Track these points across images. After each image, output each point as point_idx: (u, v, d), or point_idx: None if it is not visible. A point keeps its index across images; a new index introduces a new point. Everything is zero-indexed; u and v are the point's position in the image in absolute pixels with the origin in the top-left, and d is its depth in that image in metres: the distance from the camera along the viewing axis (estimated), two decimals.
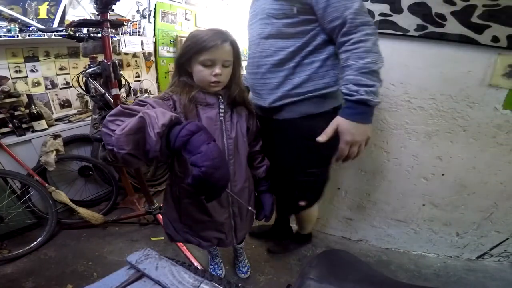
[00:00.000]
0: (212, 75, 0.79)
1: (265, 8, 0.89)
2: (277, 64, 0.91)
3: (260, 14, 0.91)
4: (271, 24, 0.88)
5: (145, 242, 1.61)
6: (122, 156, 0.55)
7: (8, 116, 1.52)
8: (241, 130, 0.90)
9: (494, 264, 1.48)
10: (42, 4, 1.69)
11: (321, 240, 1.64)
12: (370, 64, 0.76)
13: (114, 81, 1.35)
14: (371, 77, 0.77)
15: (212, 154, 0.54)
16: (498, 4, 1.01)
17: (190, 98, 0.80)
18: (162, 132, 0.55)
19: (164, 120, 0.55)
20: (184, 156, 0.57)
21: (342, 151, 0.84)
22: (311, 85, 0.90)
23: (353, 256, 0.65)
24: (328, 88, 0.91)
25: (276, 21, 0.87)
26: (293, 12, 0.84)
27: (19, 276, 1.35)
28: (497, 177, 1.29)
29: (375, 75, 0.78)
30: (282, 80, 0.92)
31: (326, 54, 0.89)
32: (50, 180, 1.69)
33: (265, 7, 0.89)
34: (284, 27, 0.87)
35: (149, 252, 0.51)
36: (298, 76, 0.90)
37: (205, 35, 0.77)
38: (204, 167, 0.53)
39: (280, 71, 0.91)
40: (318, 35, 0.87)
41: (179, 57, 0.82)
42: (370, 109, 0.81)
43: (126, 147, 0.54)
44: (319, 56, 0.89)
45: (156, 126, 0.54)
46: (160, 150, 0.56)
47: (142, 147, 0.57)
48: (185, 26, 2.76)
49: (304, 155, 0.97)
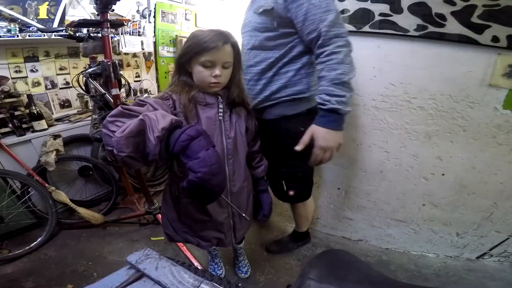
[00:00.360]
0: (212, 76, 0.79)
1: (251, 21, 1.01)
2: (259, 74, 1.03)
3: (248, 26, 1.03)
4: (255, 37, 1.00)
5: (145, 242, 1.61)
6: (121, 158, 0.55)
7: (8, 116, 1.52)
8: (240, 130, 0.91)
9: (494, 264, 1.48)
10: (42, 4, 1.69)
11: (321, 240, 1.64)
12: (341, 75, 0.85)
13: (114, 81, 1.35)
14: (342, 87, 0.85)
15: (210, 160, 0.55)
16: (498, 4, 1.01)
17: (189, 98, 0.80)
18: (162, 136, 0.55)
19: (165, 123, 0.55)
20: (182, 160, 0.57)
21: (316, 156, 0.92)
22: (286, 91, 1.02)
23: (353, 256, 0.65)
24: (300, 94, 1.03)
25: (260, 34, 0.98)
26: (274, 26, 0.94)
27: (19, 276, 1.35)
28: (497, 177, 1.29)
29: (346, 86, 0.86)
30: (262, 88, 1.04)
31: (300, 64, 1.00)
32: (50, 180, 1.69)
33: (251, 20, 1.01)
34: (266, 40, 0.98)
35: (149, 252, 0.51)
36: (275, 84, 1.02)
37: (206, 36, 0.77)
38: (200, 173, 0.54)
39: (261, 79, 1.03)
40: (295, 47, 0.97)
41: (180, 57, 0.82)
42: (341, 117, 0.89)
43: (126, 150, 0.55)
44: (294, 66, 1.00)
45: (156, 130, 0.54)
46: (159, 153, 0.56)
47: (142, 150, 0.57)
48: (185, 26, 2.76)
49: (285, 150, 1.05)
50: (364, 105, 1.32)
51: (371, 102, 1.30)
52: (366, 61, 1.24)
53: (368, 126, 1.35)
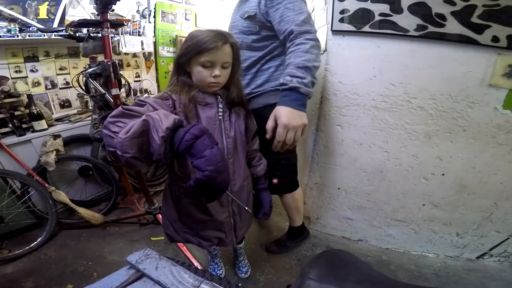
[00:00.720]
0: (211, 76, 0.79)
1: (238, 25, 1.13)
2: (244, 70, 1.16)
3: (235, 29, 1.15)
4: (241, 38, 1.11)
5: (145, 242, 1.61)
6: (126, 159, 0.56)
7: (8, 116, 1.52)
8: (239, 129, 0.92)
9: (494, 264, 1.48)
10: (42, 4, 1.69)
11: (321, 240, 1.65)
12: (305, 61, 0.93)
13: (114, 81, 1.35)
14: (304, 71, 0.93)
15: (215, 158, 0.55)
16: (498, 4, 1.01)
17: (190, 98, 0.80)
18: (167, 135, 0.55)
19: (168, 123, 0.56)
20: (187, 159, 0.58)
21: (279, 135, 0.94)
22: (269, 84, 1.15)
23: (353, 256, 0.65)
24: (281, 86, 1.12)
25: (246, 37, 1.11)
26: (257, 29, 1.08)
27: (19, 276, 1.35)
28: (497, 177, 1.29)
29: (308, 71, 0.94)
30: (248, 82, 1.18)
31: (280, 61, 1.13)
32: (50, 180, 1.69)
33: (238, 24, 1.13)
34: (252, 42, 1.12)
35: (149, 252, 0.51)
36: (259, 79, 1.16)
37: (205, 36, 0.76)
38: (207, 171, 0.54)
39: (247, 75, 1.17)
40: (276, 48, 1.12)
41: (179, 57, 0.82)
42: (302, 96, 0.94)
43: (131, 151, 0.55)
44: (274, 63, 1.14)
45: (160, 130, 0.55)
46: (164, 153, 0.56)
47: (146, 150, 0.57)
48: (185, 26, 2.76)
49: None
50: (364, 105, 1.32)
51: (371, 102, 1.30)
52: (366, 61, 1.24)
53: (368, 126, 1.35)
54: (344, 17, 1.19)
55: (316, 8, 1.44)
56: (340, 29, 1.22)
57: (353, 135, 1.39)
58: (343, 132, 1.40)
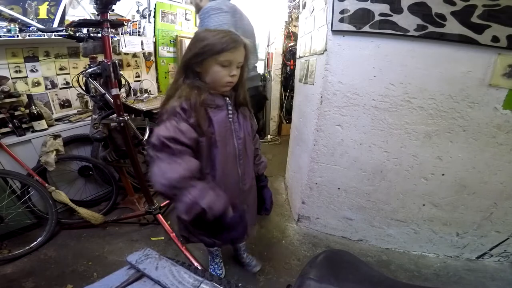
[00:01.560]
0: (229, 75, 0.80)
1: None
2: None
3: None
4: None
5: (145, 242, 1.61)
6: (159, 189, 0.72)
7: (8, 116, 1.52)
8: (247, 130, 0.92)
9: (494, 264, 1.48)
10: (42, 4, 1.69)
11: (321, 240, 1.65)
12: None
13: (114, 81, 1.35)
14: None
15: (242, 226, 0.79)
16: (498, 4, 1.01)
17: (201, 102, 0.78)
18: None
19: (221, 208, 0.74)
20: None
21: None
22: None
23: (353, 256, 0.65)
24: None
25: None
26: None
27: (19, 276, 1.35)
28: (497, 177, 1.29)
29: None
30: None
31: None
32: (50, 180, 1.69)
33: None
34: None
35: (149, 252, 0.51)
36: None
37: (223, 36, 0.77)
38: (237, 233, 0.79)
39: None
40: None
41: (192, 57, 0.79)
42: None
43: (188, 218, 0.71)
44: None
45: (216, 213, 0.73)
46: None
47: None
48: (185, 26, 2.76)
49: None
50: (364, 105, 1.32)
51: (371, 102, 1.30)
52: (366, 61, 1.24)
53: (368, 126, 1.35)
54: (344, 17, 1.19)
55: (316, 8, 1.44)
56: (340, 29, 1.22)
57: (353, 135, 1.39)
58: (343, 132, 1.40)
